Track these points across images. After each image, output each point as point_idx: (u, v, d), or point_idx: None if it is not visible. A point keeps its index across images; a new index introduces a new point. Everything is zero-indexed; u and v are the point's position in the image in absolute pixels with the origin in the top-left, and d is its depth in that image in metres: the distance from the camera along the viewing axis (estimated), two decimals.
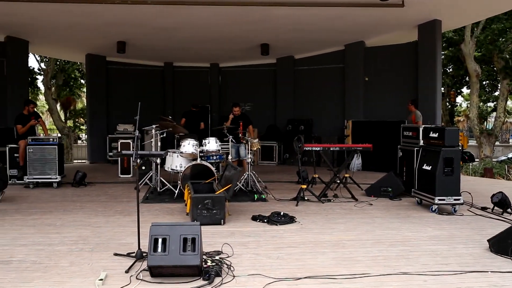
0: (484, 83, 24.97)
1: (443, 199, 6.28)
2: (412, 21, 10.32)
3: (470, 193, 6.99)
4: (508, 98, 20.48)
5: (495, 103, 24.64)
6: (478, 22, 17.83)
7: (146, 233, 3.83)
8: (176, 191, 7.45)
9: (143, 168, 9.20)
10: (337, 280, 3.72)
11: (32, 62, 37.13)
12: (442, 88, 19.61)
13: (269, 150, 13.20)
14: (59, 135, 20.36)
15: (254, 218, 5.91)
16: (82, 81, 25.34)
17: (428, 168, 6.53)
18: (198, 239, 3.71)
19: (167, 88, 15.08)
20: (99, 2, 8.55)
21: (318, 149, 7.86)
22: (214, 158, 7.73)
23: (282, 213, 5.86)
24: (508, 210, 6.42)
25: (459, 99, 32.52)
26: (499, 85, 21.38)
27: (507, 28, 18.84)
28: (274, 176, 10.29)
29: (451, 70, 23.58)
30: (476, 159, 20.06)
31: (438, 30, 10.42)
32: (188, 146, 7.65)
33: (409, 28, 10.78)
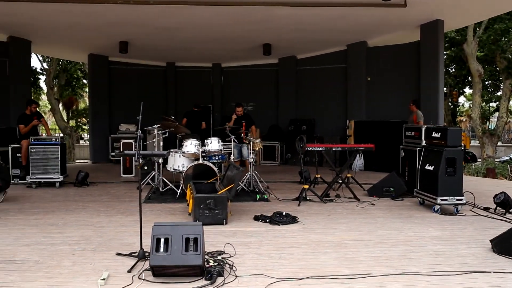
0: (486, 83, 24.92)
1: (446, 199, 6.27)
2: (415, 21, 10.30)
3: (472, 193, 6.97)
4: (510, 98, 20.41)
5: (497, 103, 24.58)
6: (480, 22, 17.80)
7: (149, 233, 3.83)
8: (178, 191, 7.46)
9: (145, 168, 9.23)
10: (339, 280, 3.71)
11: (35, 62, 36.90)
12: (445, 88, 19.55)
13: (271, 150, 13.20)
14: (62, 135, 20.38)
15: (256, 218, 5.91)
16: (85, 81, 25.38)
17: (431, 168, 6.51)
18: (200, 239, 3.71)
19: (169, 88, 15.10)
20: (102, 2, 8.56)
21: (320, 149, 7.86)
22: (216, 158, 7.75)
23: (284, 213, 5.85)
24: (511, 211, 6.41)
25: (462, 99, 32.41)
26: (502, 85, 21.33)
27: (509, 28, 18.82)
28: (276, 176, 10.28)
29: (454, 70, 23.55)
30: (479, 159, 20.02)
31: (440, 30, 10.41)
32: (190, 146, 7.66)
33: (411, 28, 10.76)
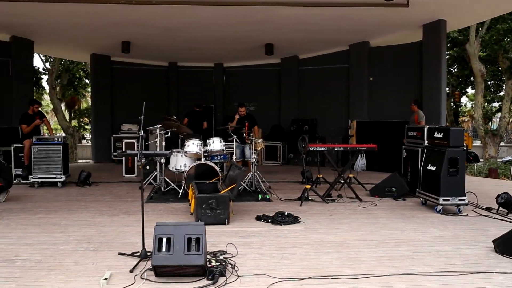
0: (489, 83, 24.87)
1: (448, 200, 6.25)
2: (417, 21, 10.28)
3: (474, 193, 6.95)
4: None
5: (500, 103, 24.53)
6: (483, 22, 17.77)
7: (151, 232, 3.83)
8: (181, 191, 7.46)
9: (148, 167, 9.23)
10: (341, 281, 3.71)
11: (37, 62, 37.10)
12: (447, 88, 19.53)
13: (273, 150, 13.19)
14: (64, 134, 20.44)
15: (258, 218, 5.91)
16: (87, 81, 25.43)
17: (433, 168, 6.50)
18: (202, 239, 3.72)
19: (171, 88, 15.10)
20: (104, 2, 8.57)
21: (323, 149, 7.85)
22: (218, 158, 7.75)
23: (286, 213, 5.85)
24: None
25: (464, 99, 32.42)
26: (504, 85, 21.29)
27: None
28: (278, 176, 10.28)
29: (456, 70, 23.52)
30: (481, 160, 20.01)
31: (443, 30, 10.38)
32: (193, 146, 7.66)
33: (413, 28, 10.74)
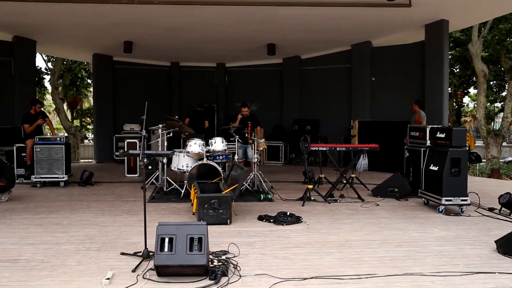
0: (491, 83, 24.85)
1: (450, 200, 6.24)
2: (419, 21, 10.26)
3: (477, 194, 6.94)
4: None
5: (502, 103, 24.51)
6: (485, 22, 17.74)
7: (153, 232, 3.84)
8: (183, 191, 7.46)
9: (150, 167, 9.23)
10: (343, 281, 3.71)
11: (39, 62, 37.10)
12: (449, 88, 19.50)
13: (275, 150, 13.18)
14: (66, 134, 20.47)
15: (261, 218, 5.91)
16: (89, 80, 25.48)
17: (435, 168, 6.49)
18: (204, 239, 3.72)
19: (173, 88, 15.11)
20: (106, 2, 8.57)
21: (325, 149, 7.84)
22: (221, 158, 7.75)
23: (288, 213, 5.85)
24: None
25: (466, 100, 32.39)
26: (507, 85, 21.27)
27: None
28: (280, 176, 10.28)
29: (458, 70, 23.48)
30: (483, 160, 19.96)
31: (445, 30, 10.36)
32: (195, 146, 7.66)
33: (416, 28, 10.73)
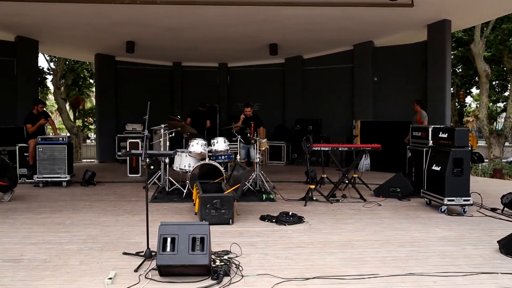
0: (493, 83, 24.79)
1: (453, 200, 6.23)
2: (422, 21, 10.25)
3: (479, 194, 6.92)
4: None
5: (505, 103, 24.44)
6: (488, 22, 17.70)
7: (155, 232, 3.84)
8: (185, 191, 7.47)
9: (152, 167, 9.25)
10: (345, 281, 3.71)
11: (42, 62, 37.06)
12: (452, 88, 19.46)
13: (277, 150, 13.18)
14: (68, 134, 20.51)
15: (263, 218, 5.91)
16: (91, 80, 25.52)
17: (437, 168, 6.48)
18: (206, 239, 3.72)
19: (175, 88, 15.12)
20: (108, 2, 8.58)
21: (327, 149, 7.84)
22: (223, 157, 7.75)
23: (290, 213, 5.85)
24: None
25: (469, 100, 32.27)
26: (509, 85, 21.23)
27: None
28: (282, 176, 10.27)
29: (461, 70, 23.45)
30: (486, 160, 19.89)
31: (447, 30, 10.35)
32: (197, 145, 7.67)
33: (418, 28, 10.71)
